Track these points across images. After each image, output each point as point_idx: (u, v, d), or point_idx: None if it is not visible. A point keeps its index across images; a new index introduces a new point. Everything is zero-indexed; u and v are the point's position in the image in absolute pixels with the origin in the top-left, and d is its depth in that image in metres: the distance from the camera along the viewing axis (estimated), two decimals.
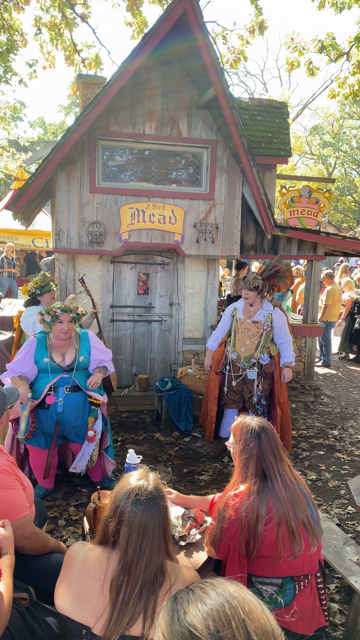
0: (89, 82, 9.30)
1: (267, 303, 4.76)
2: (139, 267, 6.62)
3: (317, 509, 2.20)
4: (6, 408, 2.34)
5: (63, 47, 10.04)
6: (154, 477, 1.70)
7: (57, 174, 5.81)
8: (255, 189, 6.07)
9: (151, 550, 1.54)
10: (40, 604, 2.07)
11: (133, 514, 1.56)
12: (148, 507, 1.58)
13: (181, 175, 6.33)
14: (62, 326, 3.60)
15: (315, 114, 30.63)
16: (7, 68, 9.40)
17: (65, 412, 3.69)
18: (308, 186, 9.61)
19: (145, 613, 1.47)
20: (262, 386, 4.69)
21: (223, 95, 5.48)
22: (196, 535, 2.39)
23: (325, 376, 8.47)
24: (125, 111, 5.94)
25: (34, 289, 4.62)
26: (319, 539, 2.14)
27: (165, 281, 6.73)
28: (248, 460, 2.14)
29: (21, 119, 31.62)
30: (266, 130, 7.85)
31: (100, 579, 1.54)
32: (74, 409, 3.70)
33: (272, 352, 4.69)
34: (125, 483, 1.66)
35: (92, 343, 3.83)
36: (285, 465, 2.17)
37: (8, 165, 14.14)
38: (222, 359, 4.86)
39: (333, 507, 4.09)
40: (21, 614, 1.88)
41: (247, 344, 4.68)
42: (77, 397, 3.73)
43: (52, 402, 3.65)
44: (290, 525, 2.02)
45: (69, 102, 35.34)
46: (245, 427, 2.20)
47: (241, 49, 9.95)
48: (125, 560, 1.54)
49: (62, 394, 3.67)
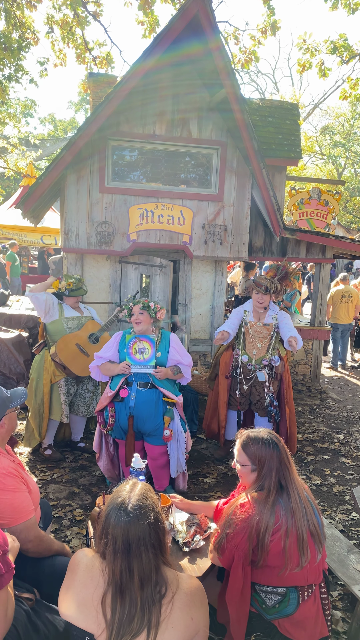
0: (100, 81, 9.28)
1: (273, 305, 4.75)
2: (141, 268, 6.60)
3: (321, 515, 2.19)
4: (6, 412, 2.34)
5: (74, 45, 10.04)
6: (140, 490, 1.64)
7: (67, 173, 5.82)
8: (265, 191, 6.05)
9: (142, 568, 1.50)
10: (44, 603, 2.09)
11: (115, 534, 1.52)
12: (130, 524, 1.53)
13: (190, 176, 6.32)
14: (134, 317, 3.82)
15: (326, 114, 30.47)
16: (18, 67, 9.40)
17: (137, 407, 3.75)
18: (318, 188, 9.57)
19: (149, 625, 1.46)
20: (272, 387, 4.68)
21: (234, 98, 5.46)
22: (200, 542, 2.39)
23: (332, 379, 8.44)
24: (136, 111, 5.94)
25: (65, 289, 4.62)
26: (324, 546, 2.13)
27: (163, 285, 6.61)
28: (268, 474, 2.12)
29: (32, 116, 31.68)
30: (277, 132, 7.81)
31: (103, 587, 1.54)
32: (146, 404, 3.75)
33: (281, 353, 4.69)
34: (110, 500, 1.62)
35: (172, 343, 3.88)
36: (294, 471, 2.17)
37: (18, 162, 14.17)
38: (230, 362, 4.83)
39: (337, 512, 4.08)
40: (27, 613, 1.90)
41: (259, 347, 4.67)
42: (149, 394, 3.76)
43: (125, 395, 3.76)
44: (300, 535, 2.01)
45: (79, 99, 35.35)
46: (260, 441, 2.17)
47: (253, 49, 9.91)
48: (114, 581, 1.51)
49: (135, 389, 3.77)
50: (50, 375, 4.47)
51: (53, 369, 4.46)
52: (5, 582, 1.62)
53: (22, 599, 1.92)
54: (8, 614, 1.63)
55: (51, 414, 4.51)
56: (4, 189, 23.63)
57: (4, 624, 1.64)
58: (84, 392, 4.75)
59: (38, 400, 4.50)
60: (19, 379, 6.11)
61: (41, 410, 4.49)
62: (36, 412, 4.52)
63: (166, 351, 3.85)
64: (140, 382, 3.77)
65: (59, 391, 4.50)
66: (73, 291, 4.62)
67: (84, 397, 4.75)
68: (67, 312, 4.63)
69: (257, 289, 4.59)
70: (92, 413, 4.81)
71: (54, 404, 4.50)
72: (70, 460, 4.70)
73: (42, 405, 4.47)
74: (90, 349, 4.62)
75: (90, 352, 4.60)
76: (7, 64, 9.31)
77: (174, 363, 3.85)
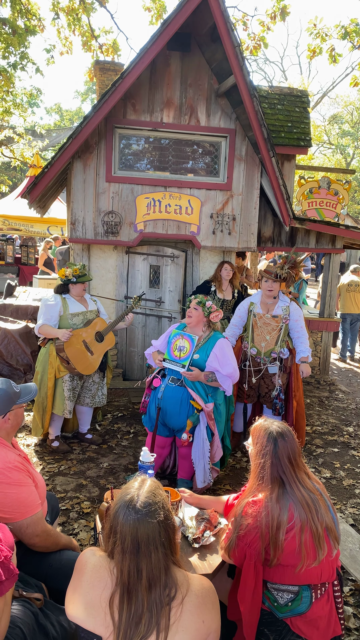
0: (106, 69, 9.18)
1: (283, 296, 4.67)
2: (150, 258, 6.54)
3: (336, 512, 2.14)
4: (12, 408, 2.30)
5: (80, 32, 9.91)
6: (149, 487, 1.59)
7: (73, 162, 5.74)
8: (274, 179, 5.95)
9: (151, 568, 1.46)
10: (53, 604, 2.05)
11: (124, 532, 1.48)
12: (139, 523, 1.48)
13: (198, 164, 6.23)
14: (188, 310, 3.83)
15: (335, 103, 30.06)
16: (23, 54, 9.29)
17: (164, 400, 3.76)
18: (327, 177, 9.42)
19: (158, 628, 1.42)
20: (282, 380, 4.62)
21: (244, 84, 5.35)
22: (210, 538, 2.34)
23: (341, 371, 8.36)
24: (143, 99, 5.83)
25: (72, 276, 4.54)
26: (339, 542, 2.08)
27: (175, 275, 6.60)
28: (263, 464, 2.08)
29: (38, 105, 31.51)
30: (286, 120, 7.67)
31: (111, 587, 1.49)
32: (171, 400, 3.74)
33: (290, 346, 4.62)
34: (119, 497, 1.57)
35: (215, 349, 3.73)
36: (302, 472, 2.11)
37: (24, 152, 14.08)
38: (239, 355, 4.78)
39: (348, 506, 4.02)
40: (34, 615, 1.85)
41: (267, 339, 4.60)
42: (177, 391, 3.73)
43: (157, 385, 3.81)
44: (315, 529, 1.96)
45: (86, 88, 35.11)
46: (264, 431, 2.14)
47: (262, 35, 9.74)
48: (122, 581, 1.47)
49: (165, 382, 3.79)
50: (55, 370, 4.42)
51: (58, 364, 4.41)
52: (5, 589, 1.55)
53: (30, 600, 1.88)
54: (2, 624, 1.56)
55: (54, 409, 4.47)
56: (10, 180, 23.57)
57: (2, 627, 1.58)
58: (90, 384, 4.71)
59: (42, 394, 4.46)
60: (26, 370, 6.09)
61: (44, 404, 4.46)
62: (39, 406, 4.50)
63: (206, 355, 3.73)
64: (173, 377, 3.77)
65: (63, 386, 4.45)
66: (80, 277, 4.53)
67: (90, 389, 4.71)
68: (71, 307, 4.55)
69: (267, 276, 4.52)
70: (97, 404, 4.78)
71: (57, 398, 4.46)
72: (77, 452, 4.67)
73: (46, 399, 4.43)
74: (95, 347, 4.56)
75: (95, 351, 4.54)
76: (12, 52, 9.20)
77: (211, 369, 3.72)
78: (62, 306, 4.49)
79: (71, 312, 4.51)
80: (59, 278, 4.69)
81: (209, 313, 3.78)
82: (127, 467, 4.41)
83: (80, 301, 4.64)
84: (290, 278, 4.64)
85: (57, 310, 4.46)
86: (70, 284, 4.54)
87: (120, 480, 4.19)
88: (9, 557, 1.59)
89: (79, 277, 4.52)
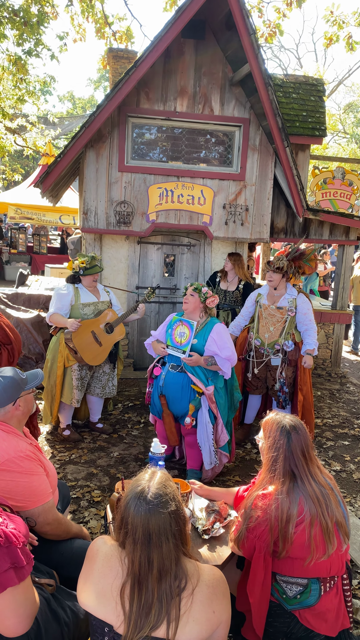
0: (120, 56, 9.09)
1: (291, 288, 4.64)
2: (165, 248, 6.52)
3: (346, 507, 2.14)
4: (21, 394, 2.31)
5: (94, 19, 9.80)
6: (160, 479, 1.60)
7: (86, 151, 5.72)
8: (288, 170, 5.88)
9: (162, 559, 1.47)
10: (64, 590, 2.08)
11: (135, 524, 1.49)
12: (150, 514, 1.49)
13: (212, 154, 6.17)
14: (185, 297, 3.89)
15: (351, 91, 29.57)
16: (37, 41, 9.23)
17: (166, 387, 3.84)
18: (341, 167, 9.30)
19: (168, 618, 1.43)
20: (286, 373, 4.59)
21: (258, 72, 5.27)
22: (220, 529, 2.35)
23: (352, 363, 8.31)
24: (157, 88, 5.78)
25: (79, 269, 4.55)
26: (349, 537, 2.08)
27: (192, 263, 6.62)
28: (276, 458, 2.08)
29: (50, 93, 31.37)
30: (301, 109, 7.56)
31: (122, 577, 1.51)
32: (173, 386, 3.81)
33: (296, 339, 4.59)
34: (129, 489, 1.58)
35: (212, 333, 3.80)
36: (315, 466, 2.10)
37: (37, 141, 14.06)
38: (245, 345, 4.78)
39: (357, 499, 4.02)
40: (47, 600, 1.89)
41: (271, 330, 4.58)
42: (178, 377, 3.80)
43: (157, 374, 3.91)
44: (325, 523, 1.96)
45: (99, 76, 34.87)
46: (276, 424, 2.13)
47: (277, 22, 9.57)
48: (133, 572, 1.48)
49: (166, 370, 3.86)
50: (64, 359, 4.44)
51: (67, 353, 4.43)
52: (27, 572, 1.64)
53: (42, 586, 1.91)
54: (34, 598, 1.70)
55: (62, 397, 4.50)
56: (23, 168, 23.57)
57: (32, 608, 1.68)
58: (100, 374, 4.72)
59: (51, 382, 4.49)
60: (37, 359, 6.13)
61: (53, 392, 4.49)
62: (49, 393, 4.54)
63: (204, 340, 3.79)
64: (173, 364, 3.83)
65: (72, 375, 4.48)
66: (87, 269, 4.53)
67: (100, 379, 4.73)
68: (83, 297, 4.55)
69: (268, 267, 4.56)
70: (108, 394, 4.80)
71: (66, 387, 4.49)
72: (88, 440, 4.71)
73: (55, 387, 4.46)
74: (104, 338, 4.57)
75: (103, 342, 4.54)
76: (27, 39, 9.14)
77: (210, 353, 3.77)
78: (74, 296, 4.50)
79: (82, 302, 4.52)
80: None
81: (205, 299, 3.84)
82: (137, 457, 4.44)
83: (93, 292, 4.64)
84: (293, 269, 4.61)
85: (68, 300, 4.47)
86: (81, 275, 4.55)
87: (131, 469, 4.22)
88: (26, 542, 1.67)
89: (86, 269, 4.52)
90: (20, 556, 1.61)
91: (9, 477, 2.12)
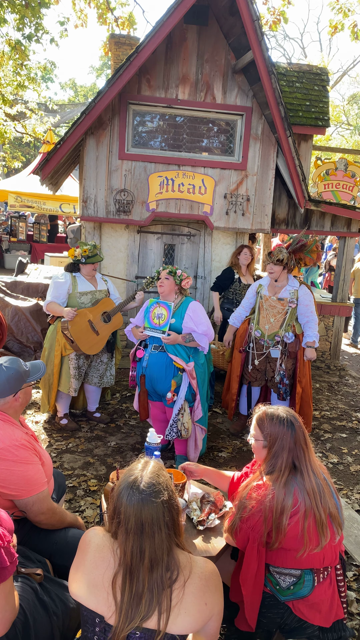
0: (122, 43, 8.99)
1: (292, 280, 4.61)
2: (165, 237, 6.48)
3: (339, 496, 2.13)
4: (22, 387, 2.30)
5: (96, 4, 9.69)
6: (153, 468, 1.59)
7: (86, 139, 5.66)
8: (291, 160, 5.82)
9: (154, 549, 1.46)
10: (53, 579, 2.07)
11: (127, 513, 1.48)
12: (143, 503, 1.48)
13: (213, 143, 6.11)
14: (159, 281, 4.02)
15: (355, 82, 29.29)
16: (38, 25, 9.11)
17: (150, 368, 3.95)
18: (344, 159, 9.22)
19: (159, 609, 1.42)
20: (286, 365, 4.58)
21: (262, 60, 5.20)
22: (215, 521, 2.34)
23: (352, 356, 8.30)
24: (158, 74, 5.71)
25: (80, 257, 4.52)
26: (342, 528, 2.07)
27: (191, 253, 6.58)
28: (279, 452, 2.05)
29: (52, 80, 31.07)
30: (304, 98, 7.48)
31: (114, 567, 1.49)
32: (157, 366, 3.92)
33: (297, 331, 4.56)
34: (122, 479, 1.57)
35: (188, 311, 3.96)
36: (312, 453, 2.09)
37: (36, 128, 13.92)
38: (245, 336, 4.75)
39: (354, 492, 4.02)
40: (34, 590, 1.87)
41: (272, 322, 4.56)
42: (160, 357, 3.92)
43: (140, 356, 4.02)
44: (319, 516, 1.95)
45: (101, 64, 34.54)
46: (275, 419, 2.10)
47: (282, 9, 9.46)
48: (124, 562, 1.47)
49: (149, 351, 3.97)
50: (62, 348, 4.42)
51: (64, 341, 4.41)
52: (9, 574, 1.58)
53: (29, 575, 1.90)
54: (14, 603, 1.62)
55: (60, 386, 4.49)
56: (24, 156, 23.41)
57: (11, 614, 1.62)
58: (97, 364, 4.71)
59: (48, 370, 4.47)
60: (36, 347, 6.11)
61: (50, 381, 4.48)
62: (46, 382, 4.53)
63: (181, 318, 3.95)
64: (155, 345, 3.95)
65: (69, 364, 4.46)
66: (89, 258, 4.50)
67: (98, 368, 4.71)
68: (81, 285, 4.52)
69: (268, 258, 4.54)
70: (105, 384, 4.79)
71: (63, 376, 4.47)
72: (85, 430, 4.71)
73: (52, 376, 4.45)
74: (101, 327, 4.54)
75: (100, 331, 4.52)
76: (27, 23, 9.02)
77: (187, 330, 3.93)
78: (71, 284, 4.48)
79: (80, 291, 4.49)
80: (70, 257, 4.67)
81: (181, 280, 4.01)
82: (134, 447, 4.44)
83: (90, 280, 4.61)
84: (293, 261, 4.58)
85: (65, 289, 4.45)
86: (81, 264, 4.52)
87: (128, 459, 4.21)
88: (10, 541, 1.61)
89: (88, 257, 4.49)
90: (4, 556, 1.56)
91: (4, 466, 2.11)
